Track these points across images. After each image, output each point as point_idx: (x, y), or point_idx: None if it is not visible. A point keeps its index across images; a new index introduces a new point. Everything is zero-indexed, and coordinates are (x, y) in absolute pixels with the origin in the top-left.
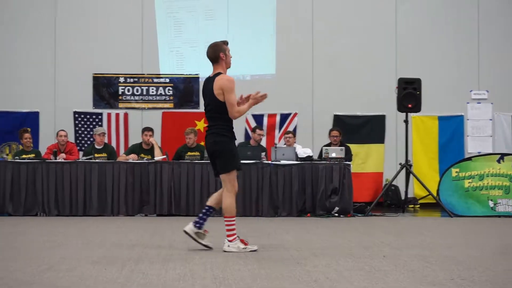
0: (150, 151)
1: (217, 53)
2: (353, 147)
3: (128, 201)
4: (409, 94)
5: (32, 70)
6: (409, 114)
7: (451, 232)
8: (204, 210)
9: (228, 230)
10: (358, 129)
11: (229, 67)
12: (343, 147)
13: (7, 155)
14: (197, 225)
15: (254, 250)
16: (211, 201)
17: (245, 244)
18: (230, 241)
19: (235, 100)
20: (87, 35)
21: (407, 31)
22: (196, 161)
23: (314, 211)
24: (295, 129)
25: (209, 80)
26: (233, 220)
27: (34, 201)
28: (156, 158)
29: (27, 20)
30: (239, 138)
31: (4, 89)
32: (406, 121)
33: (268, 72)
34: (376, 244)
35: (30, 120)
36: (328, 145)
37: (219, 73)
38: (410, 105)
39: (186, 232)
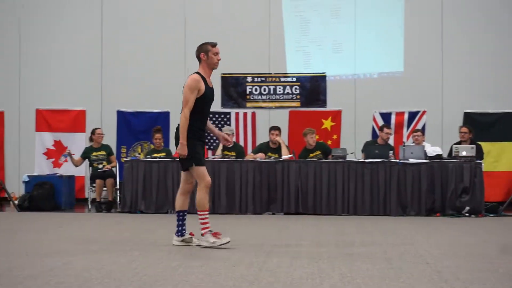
0: (278, 150)
1: (198, 53)
2: (485, 145)
3: (255, 199)
4: None
5: (163, 72)
6: None
7: None
8: (176, 217)
9: (201, 223)
10: (490, 126)
11: (214, 68)
12: (473, 145)
13: (139, 154)
14: (178, 234)
15: (226, 243)
16: (177, 206)
17: (218, 237)
18: (202, 234)
19: (190, 99)
20: (216, 36)
21: None
22: (323, 160)
23: (444, 211)
24: (423, 127)
25: None
26: (206, 214)
27: (165, 199)
28: (284, 157)
29: (158, 24)
30: (366, 137)
31: (137, 91)
32: None
33: (396, 70)
34: (509, 245)
35: (162, 120)
36: (458, 143)
37: (194, 73)
38: None
39: (175, 245)
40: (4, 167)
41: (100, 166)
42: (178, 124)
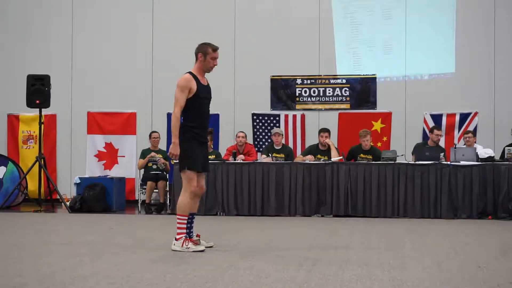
0: (327, 152)
1: (197, 51)
2: None
3: (305, 201)
4: None
5: (213, 75)
6: None
7: None
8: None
9: (178, 228)
10: None
11: (208, 71)
12: None
13: None
14: (185, 236)
15: (200, 251)
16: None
17: (195, 243)
18: (176, 239)
19: (180, 98)
20: (265, 38)
21: None
22: (373, 162)
23: (496, 214)
24: (475, 129)
25: None
26: (184, 220)
27: (215, 200)
28: (333, 159)
29: (208, 26)
30: (416, 138)
31: None
32: None
33: (447, 71)
34: None
35: (211, 122)
36: (511, 145)
37: (186, 72)
38: None
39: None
40: (56, 169)
41: (155, 166)
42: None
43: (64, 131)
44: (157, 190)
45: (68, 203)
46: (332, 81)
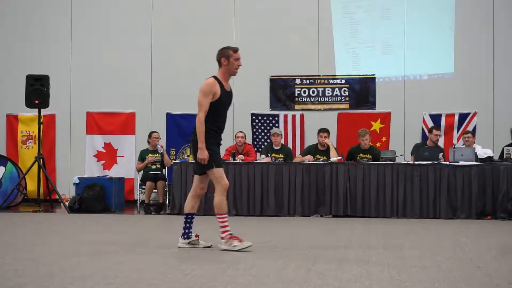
0: (326, 152)
1: (219, 57)
2: None
3: (304, 201)
4: None
5: (212, 74)
6: None
7: None
8: (184, 220)
9: (221, 227)
10: None
11: (233, 74)
12: None
13: (188, 156)
14: (185, 236)
15: (247, 247)
16: (187, 209)
17: (240, 240)
18: (222, 238)
19: (203, 103)
20: (264, 38)
21: None
22: (372, 162)
23: (495, 214)
24: (474, 129)
25: None
26: (225, 217)
27: (213, 201)
28: (332, 159)
29: (207, 26)
30: (415, 139)
31: (187, 93)
32: None
33: (446, 71)
34: None
35: None
36: (510, 145)
37: (211, 77)
38: None
39: (181, 248)
40: (55, 169)
41: (154, 167)
42: (194, 128)
43: (63, 131)
44: (156, 190)
45: (67, 203)
46: (331, 81)
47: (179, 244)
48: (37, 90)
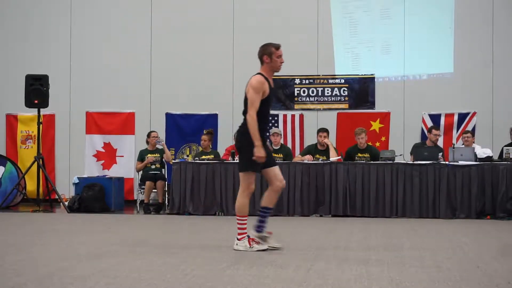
0: (326, 152)
1: (261, 54)
2: None
3: (303, 201)
4: None
5: (212, 75)
6: None
7: None
8: (260, 213)
9: (238, 228)
10: None
11: (277, 71)
12: None
13: (188, 156)
14: (258, 229)
15: (263, 250)
16: (264, 202)
17: (257, 243)
18: (238, 239)
19: (255, 100)
20: (263, 38)
21: None
22: (371, 162)
23: (494, 214)
24: (474, 129)
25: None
26: (244, 219)
27: (213, 200)
28: (332, 159)
29: (207, 27)
30: (415, 138)
31: (186, 93)
32: None
33: (446, 71)
34: None
35: (210, 122)
36: (509, 145)
37: (257, 73)
38: None
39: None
40: (54, 169)
41: (153, 167)
42: (240, 127)
43: (63, 131)
44: (155, 190)
45: (66, 203)
46: (330, 81)
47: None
48: (37, 90)
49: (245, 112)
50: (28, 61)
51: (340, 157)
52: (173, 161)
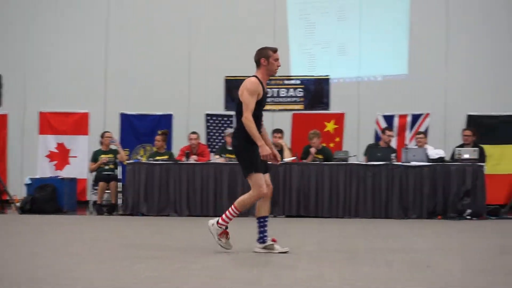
0: (280, 153)
1: (259, 57)
2: (487, 148)
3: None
4: None
5: (167, 75)
6: None
7: None
8: (258, 224)
9: (225, 217)
10: (492, 129)
11: (273, 74)
12: (476, 148)
13: (142, 156)
14: (261, 240)
15: (225, 248)
16: (259, 212)
17: (227, 238)
18: (218, 223)
19: (250, 102)
20: (220, 38)
21: None
22: (325, 163)
23: (446, 214)
24: (426, 130)
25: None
26: (236, 214)
27: (167, 201)
28: (286, 159)
29: (163, 26)
30: (369, 139)
31: (141, 93)
32: None
33: (400, 72)
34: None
35: (164, 123)
36: (461, 146)
37: (252, 76)
38: None
39: (257, 252)
40: (6, 169)
41: (107, 167)
42: (234, 132)
43: (15, 131)
44: (109, 191)
45: (18, 204)
46: (286, 82)
47: (255, 249)
48: None
49: (239, 115)
50: None
51: (294, 157)
52: (127, 161)
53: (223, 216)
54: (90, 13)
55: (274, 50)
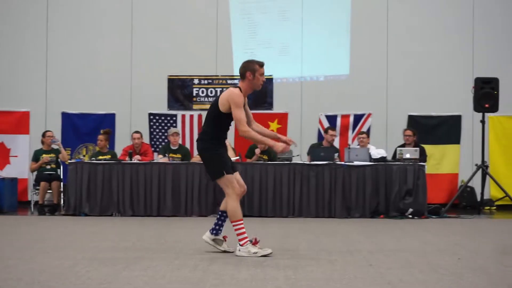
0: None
1: (245, 70)
2: (428, 147)
3: (201, 202)
4: (486, 94)
5: (109, 73)
6: (486, 114)
7: None
8: (218, 216)
9: (237, 234)
10: (433, 129)
11: (257, 89)
12: (417, 148)
13: (84, 156)
14: (214, 231)
15: (267, 255)
16: (223, 206)
17: (258, 247)
18: (241, 245)
19: (241, 116)
20: (162, 37)
21: (484, 29)
22: (269, 162)
23: (388, 213)
24: (369, 130)
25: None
26: (240, 223)
27: (110, 201)
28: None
29: (104, 26)
30: (312, 139)
31: (83, 92)
32: (482, 122)
33: (342, 73)
34: (451, 247)
35: (107, 122)
36: (402, 146)
37: (236, 87)
38: (487, 105)
39: (205, 241)
40: None
41: (48, 167)
42: (201, 133)
43: None
44: (50, 191)
45: None
46: (229, 81)
47: (204, 236)
48: None
49: (209, 118)
50: None
51: (238, 157)
52: (69, 161)
53: (237, 236)
54: (31, 11)
55: (261, 65)
